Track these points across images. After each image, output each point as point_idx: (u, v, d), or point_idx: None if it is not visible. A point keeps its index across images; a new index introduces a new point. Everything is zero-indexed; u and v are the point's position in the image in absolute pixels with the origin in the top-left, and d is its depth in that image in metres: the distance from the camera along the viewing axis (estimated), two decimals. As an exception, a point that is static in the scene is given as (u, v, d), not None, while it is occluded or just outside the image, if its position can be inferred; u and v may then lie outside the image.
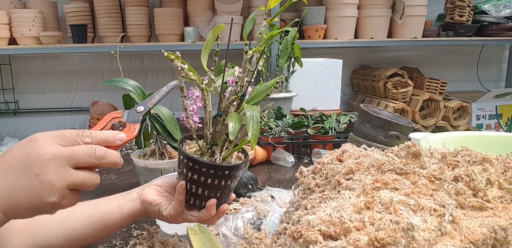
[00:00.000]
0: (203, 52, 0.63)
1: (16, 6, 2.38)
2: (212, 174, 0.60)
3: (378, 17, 2.38)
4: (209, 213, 0.61)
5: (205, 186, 0.61)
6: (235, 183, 0.65)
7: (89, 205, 0.68)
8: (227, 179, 0.61)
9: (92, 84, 2.75)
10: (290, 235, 0.48)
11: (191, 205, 0.63)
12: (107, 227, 0.66)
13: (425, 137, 0.88)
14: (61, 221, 0.67)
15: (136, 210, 0.66)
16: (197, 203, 0.62)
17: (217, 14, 2.27)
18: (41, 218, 0.67)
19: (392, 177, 0.54)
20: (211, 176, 0.60)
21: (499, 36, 2.52)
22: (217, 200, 0.62)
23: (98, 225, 0.66)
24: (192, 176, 0.60)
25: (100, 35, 2.41)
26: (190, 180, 0.60)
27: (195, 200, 0.62)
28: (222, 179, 0.61)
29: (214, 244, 0.57)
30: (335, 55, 2.17)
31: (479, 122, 2.48)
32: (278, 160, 1.26)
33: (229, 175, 0.61)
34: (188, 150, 0.65)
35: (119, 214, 0.66)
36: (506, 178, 0.50)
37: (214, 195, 0.62)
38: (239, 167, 0.62)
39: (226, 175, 0.61)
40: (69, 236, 0.66)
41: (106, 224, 0.66)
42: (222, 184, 0.61)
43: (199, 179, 0.60)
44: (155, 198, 0.65)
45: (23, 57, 2.64)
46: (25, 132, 2.76)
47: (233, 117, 0.59)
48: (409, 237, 0.40)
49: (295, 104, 1.80)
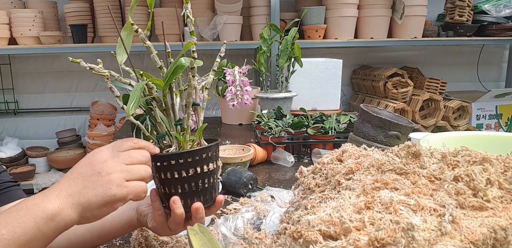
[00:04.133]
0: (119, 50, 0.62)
1: (16, 6, 2.38)
2: (168, 166, 0.58)
3: (378, 17, 2.38)
4: (174, 212, 0.59)
5: (174, 184, 0.58)
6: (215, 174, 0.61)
7: None
8: (197, 165, 0.58)
9: (92, 84, 2.75)
10: (290, 235, 0.48)
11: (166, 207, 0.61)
12: (107, 233, 0.68)
13: (425, 137, 0.88)
14: None
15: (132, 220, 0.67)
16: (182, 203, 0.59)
17: (217, 14, 2.27)
18: None
19: (392, 177, 0.54)
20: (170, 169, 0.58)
21: (499, 36, 2.52)
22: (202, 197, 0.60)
23: (98, 230, 0.67)
24: (155, 174, 0.59)
25: (100, 35, 2.41)
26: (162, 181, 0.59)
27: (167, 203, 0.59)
28: (189, 168, 0.58)
29: (214, 244, 0.57)
30: (335, 55, 2.17)
31: (479, 122, 2.48)
32: (278, 160, 1.26)
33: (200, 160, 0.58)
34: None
35: (118, 222, 0.67)
36: (506, 178, 0.50)
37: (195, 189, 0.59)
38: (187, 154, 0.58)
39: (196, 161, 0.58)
40: (70, 240, 0.67)
41: (107, 230, 0.68)
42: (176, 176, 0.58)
43: (159, 176, 0.59)
44: (145, 209, 0.65)
45: (23, 57, 2.64)
46: (25, 131, 2.76)
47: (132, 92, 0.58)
48: (409, 237, 0.40)
49: (295, 104, 1.80)
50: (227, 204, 0.95)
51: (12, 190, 0.71)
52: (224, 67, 1.60)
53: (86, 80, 2.74)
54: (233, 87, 1.55)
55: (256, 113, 1.57)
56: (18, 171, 2.45)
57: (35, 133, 2.78)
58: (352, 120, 1.41)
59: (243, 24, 2.38)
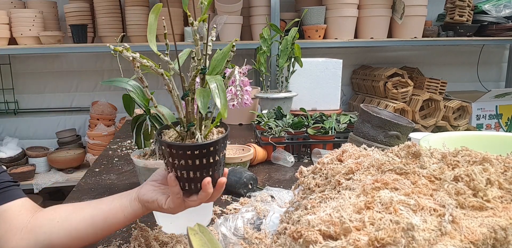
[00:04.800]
0: (149, 37, 0.63)
1: (16, 6, 2.38)
2: (198, 155, 0.61)
3: (378, 17, 2.38)
4: (207, 192, 0.63)
5: (196, 168, 0.62)
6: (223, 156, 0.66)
7: (92, 206, 0.70)
8: (215, 155, 0.63)
9: (92, 84, 2.75)
10: (290, 235, 0.48)
11: (187, 190, 0.64)
12: (111, 226, 0.68)
13: (425, 137, 0.88)
14: (63, 221, 0.67)
15: (138, 210, 0.68)
16: (193, 187, 0.64)
17: (217, 14, 2.27)
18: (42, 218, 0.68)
19: (392, 177, 0.54)
20: (198, 157, 0.61)
21: (499, 36, 2.52)
22: (211, 177, 0.63)
23: (102, 224, 0.68)
24: (180, 162, 0.61)
25: (100, 35, 2.41)
26: (179, 167, 0.62)
27: (190, 184, 0.64)
28: (209, 156, 0.62)
29: (214, 244, 0.57)
30: (335, 55, 2.17)
31: (479, 122, 2.48)
32: (278, 160, 1.26)
33: (215, 150, 0.62)
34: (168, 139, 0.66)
35: (122, 214, 0.68)
36: (506, 178, 0.50)
37: (206, 173, 0.63)
38: (222, 140, 0.64)
39: (211, 152, 0.62)
40: (71, 235, 0.67)
41: (110, 224, 0.68)
42: (211, 161, 0.62)
43: (187, 163, 0.61)
44: (152, 196, 0.67)
45: (23, 57, 2.63)
46: (25, 131, 2.76)
47: (199, 93, 0.59)
48: (409, 237, 0.40)
49: (295, 104, 1.80)
50: (227, 204, 0.95)
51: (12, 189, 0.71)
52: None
53: (86, 80, 2.74)
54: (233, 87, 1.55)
55: (256, 113, 1.57)
56: (18, 171, 2.45)
57: (35, 133, 2.78)
58: (352, 120, 1.41)
59: (243, 24, 2.38)
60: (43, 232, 0.66)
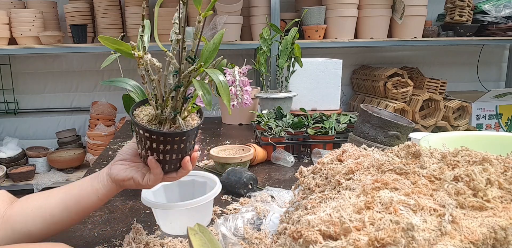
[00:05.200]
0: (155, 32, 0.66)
1: (16, 6, 2.38)
2: (183, 140, 0.66)
3: (378, 17, 2.38)
4: (187, 170, 0.69)
5: (178, 151, 0.67)
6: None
7: (63, 190, 0.71)
8: (195, 137, 0.69)
9: (92, 84, 2.75)
10: (290, 235, 0.48)
11: (167, 170, 0.69)
12: (84, 209, 0.70)
13: (425, 137, 0.88)
14: (37, 208, 0.68)
15: (112, 189, 0.71)
16: (173, 167, 0.69)
17: (217, 14, 2.27)
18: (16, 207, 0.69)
19: (392, 177, 0.54)
20: (183, 142, 0.66)
21: (499, 36, 2.52)
22: (189, 155, 0.70)
23: (75, 208, 0.69)
24: (165, 147, 0.65)
25: (100, 35, 2.41)
26: (163, 151, 0.66)
27: (170, 165, 0.68)
28: (191, 140, 0.68)
29: (214, 244, 0.57)
30: (335, 55, 2.17)
31: (479, 122, 2.48)
32: (278, 160, 1.26)
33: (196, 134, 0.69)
34: (141, 118, 0.69)
35: (95, 196, 0.70)
36: (506, 178, 0.50)
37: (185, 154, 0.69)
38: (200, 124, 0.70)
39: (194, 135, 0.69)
40: (47, 221, 0.68)
41: (83, 207, 0.70)
42: (192, 143, 0.69)
43: (172, 148, 0.65)
44: (126, 174, 0.69)
45: (23, 57, 2.64)
46: (25, 131, 2.76)
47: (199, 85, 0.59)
48: (409, 237, 0.40)
49: (295, 104, 1.80)
50: (227, 204, 0.95)
51: None
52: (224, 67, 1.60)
53: (86, 80, 2.74)
54: (233, 87, 1.55)
55: (256, 113, 1.57)
56: (18, 171, 2.45)
57: (35, 133, 2.78)
58: (352, 120, 1.41)
59: (243, 24, 2.38)
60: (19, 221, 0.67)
